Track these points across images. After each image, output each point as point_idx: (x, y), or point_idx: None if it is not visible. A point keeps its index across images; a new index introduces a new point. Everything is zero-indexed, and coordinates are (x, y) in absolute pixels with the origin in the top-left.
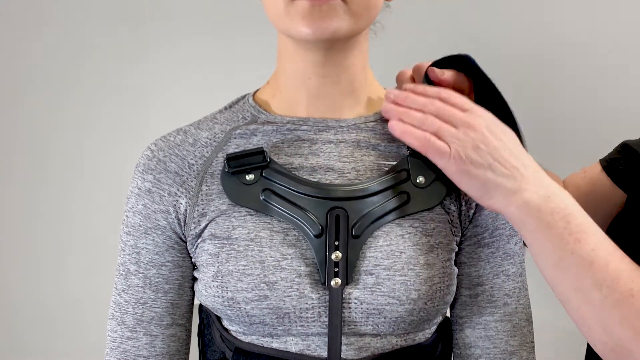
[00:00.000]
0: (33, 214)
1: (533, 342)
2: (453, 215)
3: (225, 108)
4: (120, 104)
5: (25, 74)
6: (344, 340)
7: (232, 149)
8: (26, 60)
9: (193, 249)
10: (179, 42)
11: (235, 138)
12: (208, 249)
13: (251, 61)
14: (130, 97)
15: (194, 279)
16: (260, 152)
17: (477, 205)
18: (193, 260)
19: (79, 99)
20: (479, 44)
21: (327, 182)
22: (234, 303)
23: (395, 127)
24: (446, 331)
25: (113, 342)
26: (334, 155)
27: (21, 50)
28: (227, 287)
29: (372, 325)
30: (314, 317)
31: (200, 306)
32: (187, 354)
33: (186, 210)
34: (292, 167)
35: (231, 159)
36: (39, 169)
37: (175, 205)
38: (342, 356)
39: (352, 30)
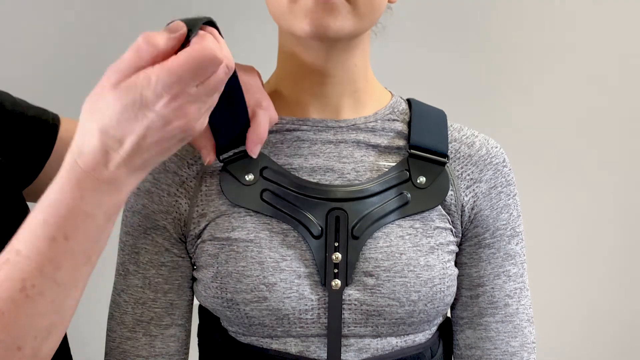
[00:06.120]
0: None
1: (534, 342)
2: (453, 216)
3: None
4: None
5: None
6: (343, 341)
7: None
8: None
9: (193, 250)
10: None
11: None
12: (207, 250)
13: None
14: None
15: (194, 279)
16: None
17: (477, 206)
18: (193, 260)
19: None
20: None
21: (327, 182)
22: (233, 304)
23: None
24: (447, 332)
25: (112, 342)
26: (334, 156)
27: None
28: (226, 288)
29: (372, 327)
30: (313, 318)
31: (200, 306)
32: (187, 354)
33: (186, 210)
34: (291, 168)
35: (229, 162)
36: None
37: (174, 205)
38: (341, 357)
39: (355, 30)
